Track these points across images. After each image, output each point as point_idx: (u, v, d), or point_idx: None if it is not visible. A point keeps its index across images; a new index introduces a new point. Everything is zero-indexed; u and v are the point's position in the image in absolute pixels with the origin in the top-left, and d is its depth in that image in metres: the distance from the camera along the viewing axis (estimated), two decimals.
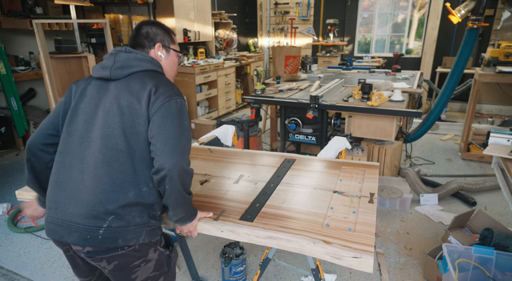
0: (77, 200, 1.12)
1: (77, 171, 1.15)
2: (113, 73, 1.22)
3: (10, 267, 2.34)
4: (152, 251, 1.24)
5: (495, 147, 1.95)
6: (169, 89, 1.20)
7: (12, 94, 3.96)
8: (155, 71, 1.28)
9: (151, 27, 1.35)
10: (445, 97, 3.55)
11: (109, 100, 1.19)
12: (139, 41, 1.33)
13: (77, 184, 1.13)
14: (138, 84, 1.20)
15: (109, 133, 1.15)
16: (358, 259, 1.08)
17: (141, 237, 1.17)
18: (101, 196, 1.11)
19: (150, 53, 1.34)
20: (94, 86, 1.25)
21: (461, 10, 3.23)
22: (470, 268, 1.90)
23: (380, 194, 2.97)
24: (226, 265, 2.05)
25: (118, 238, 1.12)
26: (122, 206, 1.11)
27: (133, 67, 1.24)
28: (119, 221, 1.11)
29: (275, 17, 7.67)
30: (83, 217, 1.10)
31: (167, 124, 1.14)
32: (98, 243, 1.10)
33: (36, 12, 4.40)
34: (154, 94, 1.17)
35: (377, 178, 1.61)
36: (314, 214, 1.32)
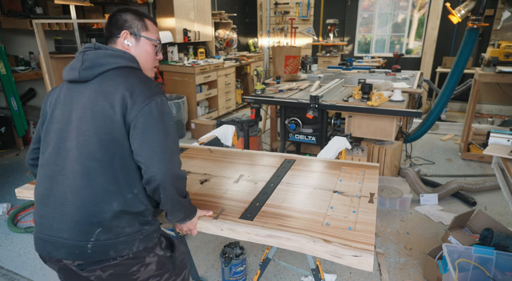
0: (61, 214, 1.06)
1: (57, 183, 1.08)
2: (82, 74, 1.11)
3: (10, 267, 2.33)
4: (150, 256, 1.18)
5: (495, 147, 1.95)
6: (145, 89, 1.09)
7: (12, 94, 3.96)
8: (129, 67, 1.16)
9: (121, 14, 1.22)
10: (445, 97, 3.55)
11: (81, 105, 1.09)
12: (108, 31, 1.23)
13: (59, 198, 1.07)
14: (110, 85, 1.09)
15: (84, 141, 1.06)
16: (358, 257, 1.09)
17: (135, 245, 1.11)
18: (84, 209, 1.05)
19: (117, 42, 1.22)
20: (66, 91, 1.16)
21: (461, 10, 3.23)
22: (470, 268, 1.90)
23: (380, 194, 2.97)
24: (226, 265, 2.05)
25: (109, 250, 1.06)
26: (107, 218, 1.05)
27: (102, 65, 1.12)
28: (107, 234, 1.05)
29: (275, 17, 7.67)
30: (69, 232, 1.05)
31: (150, 131, 1.06)
32: (88, 257, 1.06)
33: (36, 12, 4.40)
34: (130, 98, 1.06)
35: (377, 178, 1.62)
36: (314, 213, 1.32)
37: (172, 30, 5.25)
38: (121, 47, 1.22)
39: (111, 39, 1.23)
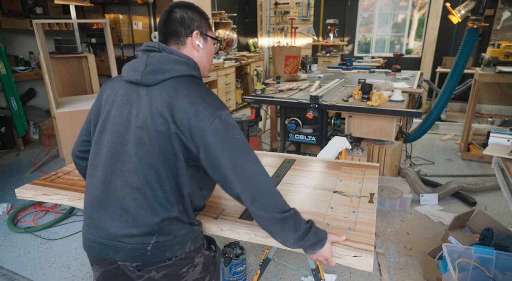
0: (120, 220, 1.06)
1: (116, 188, 1.08)
2: (144, 78, 1.07)
3: (10, 267, 2.33)
4: (198, 256, 1.20)
5: (495, 147, 1.95)
6: (209, 104, 1.04)
7: (12, 94, 3.96)
8: (191, 76, 1.11)
9: (186, 11, 1.15)
10: (445, 97, 3.55)
11: (142, 112, 1.06)
12: (173, 28, 1.14)
13: (117, 203, 1.07)
14: (171, 98, 1.04)
15: (145, 151, 1.05)
16: (358, 258, 1.09)
17: (187, 246, 1.13)
18: (145, 218, 1.05)
19: (187, 42, 1.15)
20: (125, 91, 1.12)
21: (461, 10, 3.23)
22: (470, 268, 1.90)
23: (380, 194, 2.97)
24: (226, 265, 2.05)
25: (166, 251, 1.09)
26: (166, 225, 1.07)
27: (166, 72, 1.07)
28: (165, 236, 1.08)
29: (275, 17, 7.67)
30: (129, 237, 1.06)
31: (218, 153, 1.01)
32: (147, 259, 1.07)
33: (36, 12, 4.40)
34: (195, 118, 1.01)
35: (377, 178, 1.62)
36: (314, 214, 1.32)
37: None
38: (190, 48, 1.17)
39: (176, 39, 1.15)
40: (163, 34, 1.16)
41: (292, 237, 1.07)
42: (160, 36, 1.17)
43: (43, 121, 4.56)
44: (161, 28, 1.16)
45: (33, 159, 4.07)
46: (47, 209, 3.02)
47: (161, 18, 1.17)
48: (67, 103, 3.39)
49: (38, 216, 2.93)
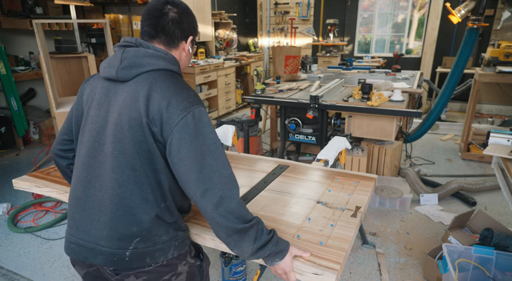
0: (99, 221, 1.04)
1: (94, 189, 1.05)
2: (120, 74, 1.04)
3: (10, 267, 2.34)
4: (181, 264, 1.15)
5: (495, 147, 1.95)
6: (183, 98, 1.00)
7: (12, 94, 3.96)
8: (168, 70, 1.08)
9: (184, 14, 1.11)
10: (445, 97, 3.55)
11: (117, 109, 1.03)
12: (167, 27, 1.09)
13: (97, 204, 1.04)
14: (146, 90, 1.01)
15: (121, 149, 1.01)
16: (319, 276, 1.01)
17: (170, 252, 1.09)
18: (123, 219, 1.02)
19: (179, 46, 1.13)
20: (102, 89, 1.09)
21: (461, 10, 3.23)
22: (470, 268, 1.90)
23: (380, 194, 2.96)
24: (226, 265, 2.05)
25: (146, 257, 1.05)
26: (146, 228, 1.03)
27: (142, 66, 1.04)
28: (145, 242, 1.04)
29: (275, 17, 7.67)
30: (108, 240, 1.03)
31: (185, 150, 0.97)
32: (125, 264, 1.04)
33: (36, 12, 4.40)
34: (167, 110, 0.98)
35: (370, 191, 1.50)
36: (288, 224, 1.26)
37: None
38: (181, 51, 1.15)
39: (169, 39, 1.11)
40: (155, 29, 1.09)
41: (250, 248, 1.01)
42: (149, 29, 1.10)
43: (43, 121, 4.56)
44: (152, 23, 1.09)
45: (33, 159, 4.07)
46: (47, 209, 3.02)
47: (152, 10, 1.09)
48: (67, 103, 3.39)
49: (38, 216, 2.93)
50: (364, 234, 2.48)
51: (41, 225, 2.76)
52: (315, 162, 1.83)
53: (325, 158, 1.88)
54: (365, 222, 2.79)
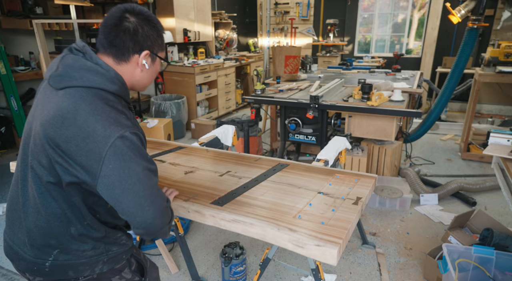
0: (22, 226, 1.01)
1: (23, 193, 1.01)
2: (51, 80, 0.97)
3: (10, 267, 2.33)
4: (115, 278, 1.08)
5: (495, 147, 1.95)
6: (103, 128, 0.89)
7: (12, 94, 3.96)
8: (100, 89, 0.95)
9: (142, 25, 1.00)
10: (445, 97, 3.55)
11: (39, 119, 0.95)
12: (120, 39, 0.98)
13: (23, 208, 1.01)
14: (70, 112, 0.90)
15: (37, 162, 0.95)
16: (321, 248, 1.02)
17: (97, 267, 1.03)
18: (42, 230, 0.98)
19: (131, 59, 1.02)
20: (42, 90, 1.02)
21: (461, 10, 3.23)
22: (470, 268, 1.90)
23: (380, 194, 2.96)
24: (226, 265, 2.05)
25: (68, 270, 0.99)
26: (65, 241, 0.98)
27: (73, 79, 0.94)
28: (66, 255, 0.99)
29: (275, 17, 7.67)
30: (29, 247, 0.99)
31: (112, 181, 0.89)
32: (46, 275, 1.00)
33: (36, 12, 4.39)
34: (84, 140, 0.88)
35: (371, 187, 1.50)
36: (289, 207, 1.27)
37: (172, 30, 5.25)
38: (133, 66, 1.03)
39: (119, 52, 1.00)
40: (107, 39, 1.00)
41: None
42: (102, 38, 1.00)
43: None
44: (105, 31, 0.99)
45: None
46: None
47: (109, 18, 1.00)
48: None
49: None
50: (364, 234, 2.48)
51: None
52: (315, 162, 1.83)
53: (325, 158, 1.88)
54: (365, 222, 2.78)
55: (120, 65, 1.02)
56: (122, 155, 0.89)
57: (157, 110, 4.85)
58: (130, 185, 0.90)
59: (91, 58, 0.98)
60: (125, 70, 1.03)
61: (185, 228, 2.64)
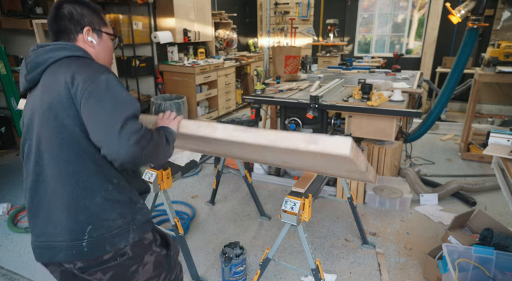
0: (52, 219, 1.07)
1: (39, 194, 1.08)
2: (28, 79, 1.08)
3: (10, 267, 2.33)
4: (148, 254, 1.17)
5: (495, 147, 1.95)
6: (88, 69, 1.02)
7: (12, 94, 3.96)
8: (72, 56, 1.08)
9: (74, 7, 1.11)
10: (445, 97, 3.55)
11: (37, 109, 1.06)
12: (61, 25, 1.11)
13: (44, 207, 1.08)
14: (51, 79, 1.03)
15: (47, 146, 1.04)
16: (334, 139, 1.03)
17: (130, 236, 1.10)
18: (70, 211, 1.04)
19: (78, 39, 1.13)
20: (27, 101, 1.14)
21: (461, 10, 3.23)
22: (470, 268, 1.90)
23: (380, 194, 2.97)
24: (226, 265, 2.05)
25: (105, 245, 1.06)
26: (94, 213, 1.05)
27: (44, 62, 1.06)
28: (99, 229, 1.05)
29: (275, 17, 7.67)
30: (63, 235, 1.05)
31: (95, 105, 0.98)
32: (86, 255, 1.05)
33: (36, 12, 4.39)
34: (72, 83, 0.99)
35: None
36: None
37: (172, 30, 5.25)
38: (83, 45, 1.13)
39: (66, 36, 1.12)
40: (53, 31, 1.12)
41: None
42: (51, 33, 1.13)
43: None
44: (50, 25, 1.12)
45: None
46: None
47: (49, 14, 1.12)
48: None
49: None
50: (364, 234, 2.48)
51: None
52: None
53: None
54: (365, 222, 2.79)
55: None
56: (96, 91, 0.99)
57: (157, 110, 4.85)
58: (98, 113, 0.99)
59: (48, 45, 1.08)
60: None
61: (185, 228, 2.64)
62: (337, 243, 2.55)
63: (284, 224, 1.64)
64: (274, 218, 2.87)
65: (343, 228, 2.73)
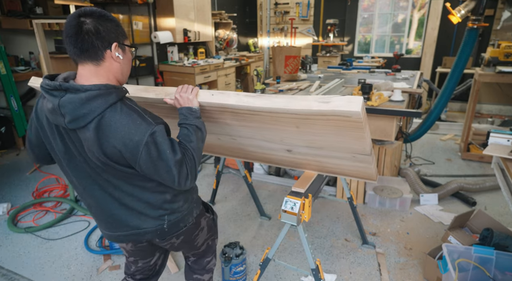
0: (131, 216, 1.27)
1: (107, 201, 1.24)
2: (70, 126, 1.07)
3: (10, 267, 2.34)
4: (203, 220, 1.49)
5: (495, 147, 1.95)
6: (135, 131, 1.06)
7: (12, 94, 3.96)
8: (110, 104, 1.07)
9: (99, 22, 1.06)
10: (445, 97, 3.55)
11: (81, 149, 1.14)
12: (87, 42, 1.05)
13: (122, 208, 1.25)
14: (105, 139, 1.07)
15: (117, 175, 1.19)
16: (345, 97, 1.07)
17: (194, 212, 1.40)
18: (147, 208, 1.25)
19: (105, 56, 1.09)
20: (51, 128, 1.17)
21: (461, 10, 3.23)
22: (470, 268, 1.90)
23: (380, 194, 2.97)
24: (226, 265, 2.05)
25: (179, 224, 1.34)
26: (168, 206, 1.28)
27: (86, 116, 1.04)
28: (174, 214, 1.31)
29: (275, 17, 7.67)
30: (147, 223, 1.28)
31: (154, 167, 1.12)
32: (166, 234, 1.32)
33: (36, 12, 4.39)
34: (126, 151, 1.08)
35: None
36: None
37: (172, 30, 5.25)
38: (110, 61, 1.11)
39: (93, 54, 1.07)
40: (77, 48, 1.06)
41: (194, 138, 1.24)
42: (74, 50, 1.07)
43: None
44: (73, 42, 1.05)
45: None
46: (47, 209, 3.02)
47: (68, 28, 1.05)
48: None
49: (38, 216, 2.93)
50: (364, 234, 2.48)
51: (41, 225, 2.76)
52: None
53: None
54: (365, 222, 2.79)
55: (99, 66, 1.10)
56: (149, 156, 1.11)
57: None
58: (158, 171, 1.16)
59: (77, 89, 1.04)
60: (106, 68, 1.11)
61: None
62: (337, 243, 2.55)
63: (284, 224, 1.64)
64: (274, 218, 2.87)
65: (343, 228, 2.73)
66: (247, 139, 1.57)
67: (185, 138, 1.22)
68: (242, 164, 2.74)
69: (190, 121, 1.26)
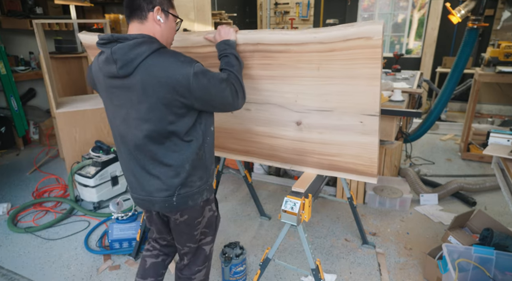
0: (150, 183, 1.35)
1: (137, 159, 1.35)
2: (120, 73, 1.22)
3: (10, 267, 2.34)
4: (207, 209, 1.51)
5: (495, 147, 1.95)
6: (182, 65, 1.21)
7: (12, 94, 3.96)
8: (154, 50, 1.23)
9: None
10: (445, 97, 3.55)
11: (130, 99, 1.27)
12: (136, 3, 1.27)
13: (144, 172, 1.35)
14: (152, 79, 1.21)
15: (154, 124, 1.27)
16: (367, 22, 1.20)
17: (204, 194, 1.43)
18: (166, 176, 1.33)
19: (148, 17, 1.28)
20: (110, 88, 1.31)
21: (461, 10, 3.23)
22: (470, 268, 1.90)
23: (380, 194, 2.97)
24: (226, 265, 2.05)
25: (188, 200, 1.38)
26: (184, 177, 1.33)
27: (134, 60, 1.21)
28: (185, 188, 1.36)
29: (275, 17, 7.66)
30: (159, 192, 1.35)
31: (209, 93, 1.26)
32: (174, 207, 1.37)
33: (36, 12, 4.40)
34: (177, 87, 1.20)
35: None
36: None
37: None
38: (152, 22, 1.28)
39: (139, 13, 1.27)
40: (128, 8, 1.28)
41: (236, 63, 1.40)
42: (126, 9, 1.29)
43: (43, 121, 4.56)
44: (126, 3, 1.28)
45: (33, 159, 4.07)
46: (47, 209, 3.02)
47: None
48: (67, 103, 3.39)
49: (38, 216, 2.93)
50: (364, 234, 2.48)
51: (41, 225, 2.76)
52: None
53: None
54: (365, 222, 2.79)
55: (143, 24, 1.29)
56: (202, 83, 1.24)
57: None
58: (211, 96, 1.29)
59: (126, 38, 1.22)
60: (148, 27, 1.29)
61: None
62: (337, 243, 2.55)
63: (284, 224, 1.64)
64: (274, 218, 2.87)
65: (343, 228, 2.73)
66: (262, 105, 1.66)
67: (227, 64, 1.37)
68: (242, 164, 2.74)
69: (229, 51, 1.40)
